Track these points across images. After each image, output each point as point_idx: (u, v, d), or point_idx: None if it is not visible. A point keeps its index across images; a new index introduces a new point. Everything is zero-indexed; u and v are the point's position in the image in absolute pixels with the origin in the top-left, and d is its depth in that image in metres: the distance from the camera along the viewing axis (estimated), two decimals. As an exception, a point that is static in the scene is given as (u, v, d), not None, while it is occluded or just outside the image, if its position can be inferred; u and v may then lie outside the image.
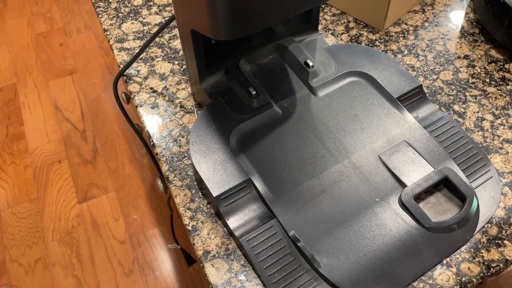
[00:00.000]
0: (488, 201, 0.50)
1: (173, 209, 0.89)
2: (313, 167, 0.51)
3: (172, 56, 0.70)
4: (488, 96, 0.63)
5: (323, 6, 0.77)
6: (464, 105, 0.62)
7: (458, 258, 0.48)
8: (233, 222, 0.48)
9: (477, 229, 0.49)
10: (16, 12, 2.14)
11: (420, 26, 0.72)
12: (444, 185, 0.52)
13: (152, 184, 1.53)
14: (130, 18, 0.77)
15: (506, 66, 0.66)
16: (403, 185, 0.50)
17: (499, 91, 0.63)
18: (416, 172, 0.51)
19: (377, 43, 0.70)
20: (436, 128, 0.55)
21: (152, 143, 0.60)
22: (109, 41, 0.73)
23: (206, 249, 0.49)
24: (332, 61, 0.59)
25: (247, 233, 0.47)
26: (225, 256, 0.49)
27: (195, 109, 0.63)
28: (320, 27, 0.73)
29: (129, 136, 1.66)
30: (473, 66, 0.66)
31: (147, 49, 0.70)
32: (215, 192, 0.48)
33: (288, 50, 0.60)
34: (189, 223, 0.52)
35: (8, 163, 1.60)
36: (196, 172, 0.51)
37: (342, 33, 0.72)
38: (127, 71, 0.68)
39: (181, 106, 0.63)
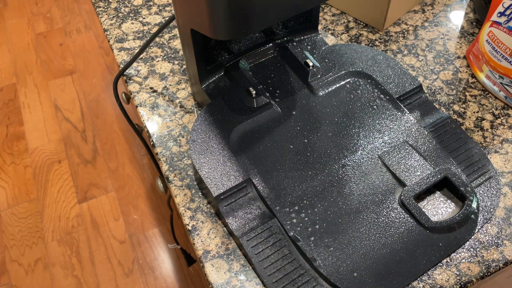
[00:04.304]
0: (488, 201, 0.50)
1: (173, 209, 0.89)
2: (313, 167, 0.51)
3: (172, 56, 0.70)
4: (488, 96, 0.63)
5: (323, 6, 0.77)
6: (464, 105, 0.62)
7: (458, 258, 0.48)
8: (233, 222, 0.48)
9: (477, 229, 0.49)
10: (16, 12, 2.14)
11: (420, 26, 0.72)
12: (444, 185, 0.52)
13: (152, 184, 1.53)
14: (130, 18, 0.77)
15: (506, 66, 0.66)
16: (403, 185, 0.50)
17: (499, 91, 0.63)
18: (416, 172, 0.51)
19: (377, 43, 0.70)
20: (436, 128, 0.55)
21: (152, 143, 0.60)
22: (109, 41, 0.73)
23: (206, 249, 0.49)
24: (332, 61, 0.59)
25: (247, 233, 0.47)
26: (225, 256, 0.49)
27: (195, 109, 0.63)
28: (320, 27, 0.73)
29: (129, 136, 1.66)
30: (473, 66, 0.66)
31: (147, 49, 0.70)
32: (215, 192, 0.48)
33: (288, 50, 0.60)
34: (189, 223, 0.52)
35: (8, 163, 1.60)
36: (196, 172, 0.51)
37: (342, 33, 0.72)
38: (127, 71, 0.68)
39: (181, 106, 0.63)
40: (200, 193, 0.54)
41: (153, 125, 0.61)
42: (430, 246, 0.47)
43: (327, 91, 0.58)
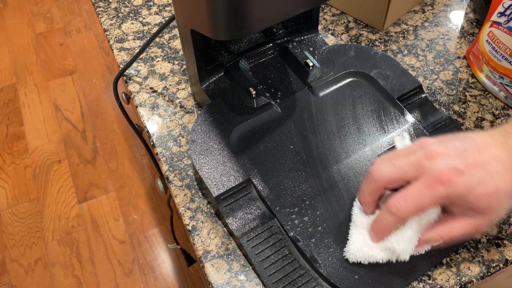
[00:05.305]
0: (488, 201, 0.50)
1: (173, 209, 0.90)
2: (313, 167, 0.51)
3: (172, 56, 0.70)
4: (488, 96, 0.63)
5: (323, 6, 0.77)
6: (464, 105, 0.62)
7: (458, 258, 0.48)
8: (233, 222, 0.48)
9: (477, 229, 0.49)
10: (16, 12, 2.14)
11: (420, 26, 0.72)
12: (444, 185, 0.51)
13: (152, 184, 1.53)
14: (130, 18, 0.77)
15: (506, 66, 0.66)
16: (403, 185, 0.50)
17: (499, 91, 0.63)
18: (416, 172, 0.51)
19: (377, 43, 0.70)
20: (436, 128, 0.55)
21: (152, 143, 0.60)
22: (109, 41, 0.73)
23: (206, 249, 0.49)
24: (332, 61, 0.59)
25: (247, 233, 0.47)
26: (225, 256, 0.49)
27: (195, 109, 0.63)
28: (320, 27, 0.73)
29: (129, 136, 1.66)
30: (473, 66, 0.66)
31: (147, 49, 0.70)
32: (215, 192, 0.48)
33: (288, 50, 0.60)
34: (189, 223, 0.52)
35: (8, 163, 1.60)
36: (196, 172, 0.51)
37: (342, 33, 0.72)
38: (127, 71, 0.68)
39: (181, 106, 0.63)
40: (200, 193, 0.54)
41: (153, 125, 0.61)
42: (430, 246, 0.47)
43: (327, 91, 0.58)
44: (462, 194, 0.38)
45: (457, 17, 0.74)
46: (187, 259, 1.11)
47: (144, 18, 0.76)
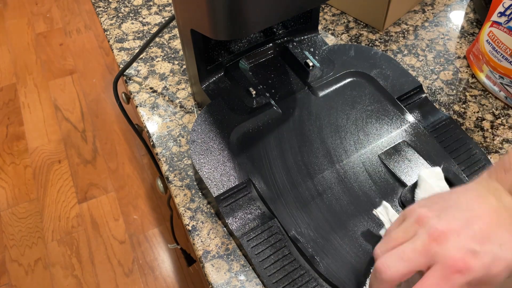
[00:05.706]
0: (488, 201, 0.50)
1: (173, 209, 0.89)
2: (313, 167, 0.51)
3: (172, 56, 0.70)
4: (488, 96, 0.63)
5: (323, 6, 0.77)
6: (464, 105, 0.62)
7: (458, 258, 0.47)
8: (233, 222, 0.48)
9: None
10: (16, 12, 2.14)
11: (420, 26, 0.72)
12: (444, 185, 0.52)
13: (152, 184, 1.53)
14: (130, 18, 0.77)
15: (506, 66, 0.66)
16: (403, 185, 0.50)
17: (499, 91, 0.63)
18: (416, 172, 0.51)
19: (377, 43, 0.70)
20: (436, 128, 0.55)
21: (152, 143, 0.60)
22: (109, 41, 0.73)
23: (206, 249, 0.49)
24: (332, 61, 0.59)
25: (247, 233, 0.47)
26: (225, 256, 0.49)
27: (195, 109, 0.63)
28: (320, 27, 0.73)
29: (129, 136, 1.66)
30: (473, 66, 0.66)
31: (147, 49, 0.70)
32: (215, 192, 0.48)
33: (288, 50, 0.60)
34: (189, 223, 0.52)
35: (8, 163, 1.60)
36: (196, 172, 0.51)
37: (342, 33, 0.72)
38: (127, 71, 0.68)
39: (181, 106, 0.63)
40: (200, 193, 0.54)
41: (153, 125, 0.61)
42: (430, 246, 0.46)
43: (327, 91, 0.58)
44: (481, 277, 0.34)
45: (457, 17, 0.74)
46: (187, 259, 1.11)
47: (144, 18, 0.76)
